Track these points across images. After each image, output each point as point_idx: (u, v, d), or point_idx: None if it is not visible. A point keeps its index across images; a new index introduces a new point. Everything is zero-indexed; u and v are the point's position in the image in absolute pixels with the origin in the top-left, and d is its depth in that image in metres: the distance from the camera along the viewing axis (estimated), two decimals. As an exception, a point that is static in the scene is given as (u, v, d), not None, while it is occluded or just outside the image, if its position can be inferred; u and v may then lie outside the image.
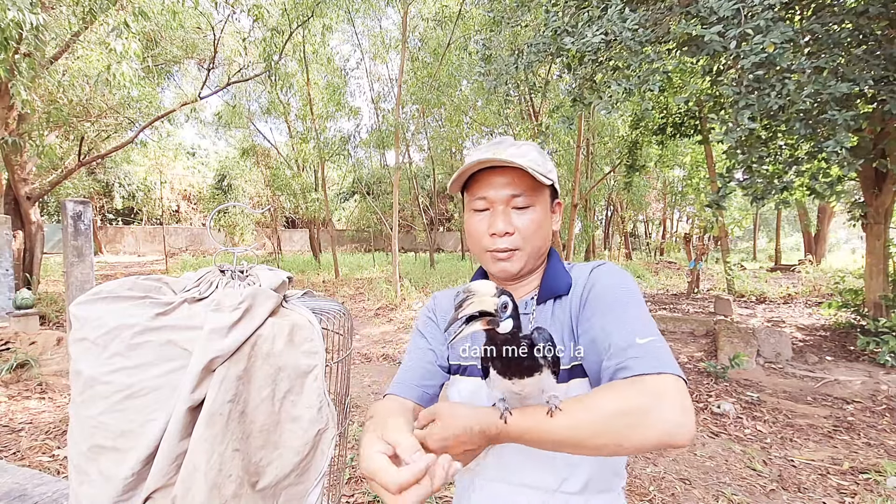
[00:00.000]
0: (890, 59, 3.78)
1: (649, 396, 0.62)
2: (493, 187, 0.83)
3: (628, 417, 0.61)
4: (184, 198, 22.79)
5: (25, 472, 1.31)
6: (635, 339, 0.69)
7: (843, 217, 13.15)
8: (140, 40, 6.57)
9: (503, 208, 0.83)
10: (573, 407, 0.65)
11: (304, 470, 0.69)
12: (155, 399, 0.60)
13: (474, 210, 0.86)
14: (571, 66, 4.62)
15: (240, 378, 0.63)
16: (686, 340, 6.08)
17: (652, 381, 0.64)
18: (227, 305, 0.66)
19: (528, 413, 0.67)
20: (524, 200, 0.83)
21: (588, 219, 15.77)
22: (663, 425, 0.60)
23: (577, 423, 0.63)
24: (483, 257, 0.88)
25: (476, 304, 0.62)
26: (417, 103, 11.56)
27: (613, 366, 0.69)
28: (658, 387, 0.63)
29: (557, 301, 0.86)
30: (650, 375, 0.64)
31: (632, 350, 0.68)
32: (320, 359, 0.70)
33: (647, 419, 0.60)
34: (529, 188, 0.83)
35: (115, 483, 0.59)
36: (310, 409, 0.68)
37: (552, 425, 0.64)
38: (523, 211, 0.84)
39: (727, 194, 4.12)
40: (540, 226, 0.85)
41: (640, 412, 0.61)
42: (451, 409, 0.70)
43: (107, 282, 0.69)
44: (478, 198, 0.85)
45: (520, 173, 0.82)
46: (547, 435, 0.65)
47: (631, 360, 0.67)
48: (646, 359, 0.66)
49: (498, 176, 0.83)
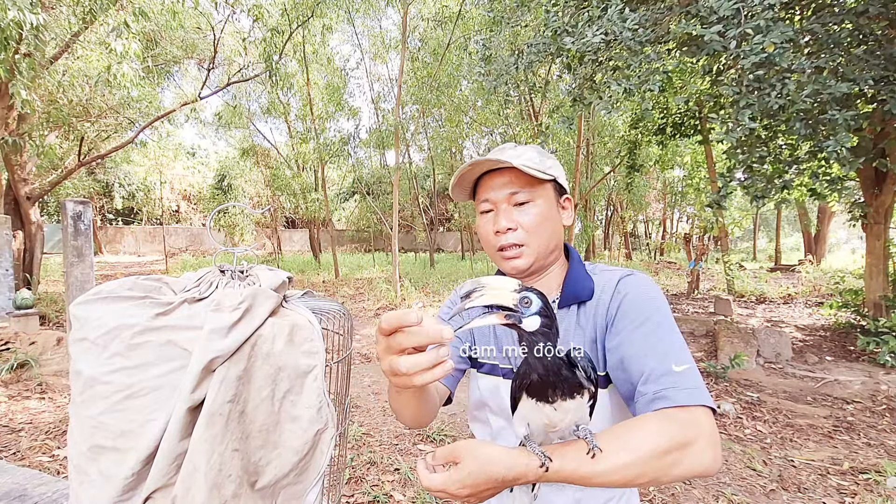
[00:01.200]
0: (890, 59, 3.78)
1: (688, 432, 0.62)
2: (493, 188, 0.87)
3: (669, 456, 0.61)
4: (184, 198, 22.80)
5: (25, 472, 1.31)
6: (672, 367, 0.69)
7: (843, 217, 13.15)
8: (140, 40, 6.58)
9: (505, 206, 0.86)
10: (613, 445, 0.62)
11: (303, 470, 0.69)
12: (155, 399, 0.60)
13: (481, 213, 0.90)
14: (571, 66, 4.62)
15: (240, 378, 0.63)
16: (686, 340, 6.07)
17: (689, 415, 0.64)
18: (227, 305, 0.66)
19: (569, 456, 0.62)
20: (524, 196, 0.85)
21: (588, 219, 15.77)
22: (701, 461, 0.62)
23: (619, 467, 0.60)
24: (495, 258, 0.90)
25: (488, 296, 0.61)
26: (417, 103, 11.57)
27: (651, 393, 0.68)
28: (695, 421, 0.64)
29: (581, 307, 0.85)
30: (687, 408, 0.65)
31: (669, 378, 0.68)
32: (320, 359, 0.70)
33: (686, 457, 0.61)
34: (528, 184, 0.85)
35: (115, 483, 0.59)
36: (309, 409, 0.68)
37: (594, 470, 0.61)
38: (524, 206, 0.85)
39: (728, 194, 4.12)
40: (544, 219, 0.86)
41: (680, 449, 0.61)
42: (476, 452, 0.62)
43: (107, 282, 0.70)
44: (482, 200, 0.89)
45: (517, 172, 0.84)
46: (588, 479, 0.61)
47: (670, 391, 0.67)
48: (684, 390, 0.67)
49: (497, 177, 0.87)
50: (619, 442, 0.62)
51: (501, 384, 0.89)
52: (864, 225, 5.90)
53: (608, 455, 0.61)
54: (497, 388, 0.90)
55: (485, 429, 0.96)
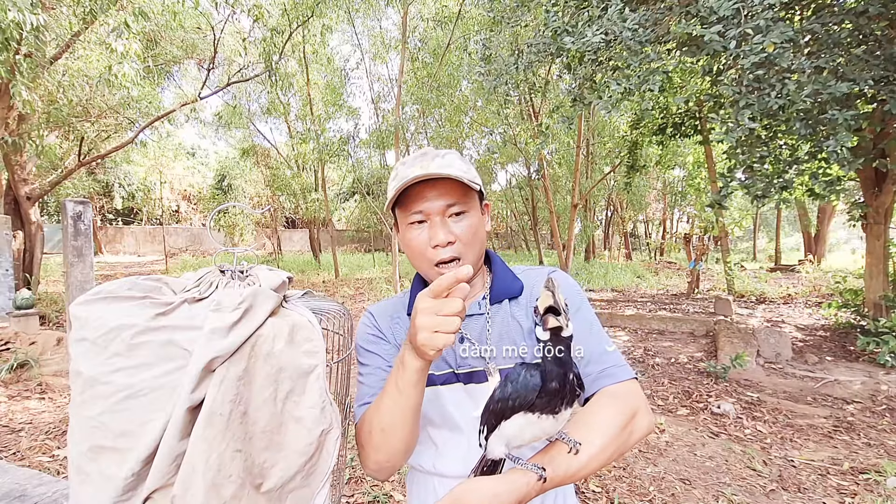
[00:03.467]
0: (890, 59, 3.77)
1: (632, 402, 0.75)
2: (427, 200, 0.81)
3: (627, 428, 0.72)
4: (184, 198, 22.80)
5: (25, 472, 1.31)
6: (605, 348, 0.81)
7: (843, 217, 13.15)
8: (140, 40, 6.57)
9: (440, 219, 0.81)
10: (587, 435, 0.68)
11: (310, 472, 0.69)
12: (155, 399, 0.60)
13: (410, 224, 0.84)
14: (571, 66, 4.62)
15: (240, 378, 0.63)
16: (686, 340, 6.08)
17: (627, 387, 0.78)
18: (227, 305, 0.66)
19: (556, 460, 0.65)
20: (459, 208, 0.82)
21: (588, 219, 15.77)
22: (648, 424, 0.75)
23: (598, 452, 0.67)
24: (429, 272, 0.85)
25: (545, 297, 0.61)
26: (417, 103, 11.56)
27: (595, 373, 0.79)
28: (633, 392, 0.77)
29: (513, 302, 0.88)
30: (625, 382, 0.78)
31: (606, 357, 0.80)
32: (321, 359, 0.70)
33: (637, 424, 0.73)
34: (461, 195, 0.82)
35: (115, 483, 0.59)
36: (313, 409, 0.68)
37: (580, 463, 0.66)
38: (459, 217, 0.82)
39: (728, 194, 4.12)
40: (477, 230, 0.85)
41: (632, 419, 0.73)
42: (477, 493, 0.63)
43: (107, 282, 0.69)
44: (414, 212, 0.82)
45: (450, 183, 0.81)
46: (579, 474, 0.66)
47: (611, 369, 0.79)
48: (620, 367, 0.79)
49: (430, 189, 0.81)
50: (590, 430, 0.69)
51: (442, 391, 0.85)
52: (864, 225, 5.90)
53: (586, 445, 0.67)
54: (437, 396, 0.85)
55: (427, 450, 0.88)
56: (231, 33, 10.73)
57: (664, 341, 6.08)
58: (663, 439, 3.24)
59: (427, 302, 0.64)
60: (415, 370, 0.69)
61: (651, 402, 4.03)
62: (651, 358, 5.36)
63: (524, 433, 0.64)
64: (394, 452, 0.77)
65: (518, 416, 0.63)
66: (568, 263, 10.92)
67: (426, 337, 0.63)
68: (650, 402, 4.01)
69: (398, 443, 0.76)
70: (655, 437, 3.27)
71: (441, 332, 0.62)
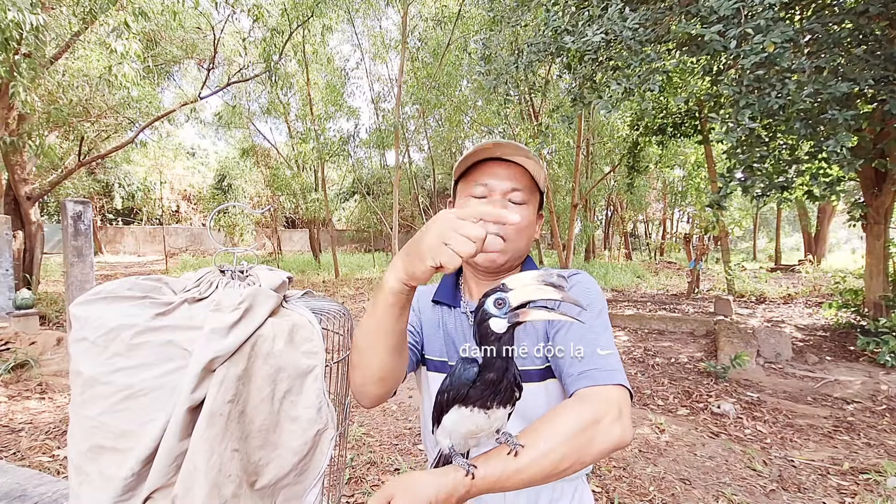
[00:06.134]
0: (890, 59, 3.77)
1: (599, 409, 0.67)
2: (496, 177, 0.85)
3: (583, 434, 0.64)
4: (184, 198, 22.79)
5: (25, 472, 1.31)
6: (598, 350, 0.76)
7: (843, 217, 13.15)
8: (140, 40, 6.58)
9: (500, 198, 0.84)
10: (532, 439, 0.64)
11: (303, 470, 0.69)
12: (155, 399, 0.60)
13: (471, 195, 0.86)
14: (571, 66, 4.62)
15: (240, 378, 0.63)
16: (686, 340, 6.08)
17: (603, 393, 0.70)
18: (227, 305, 0.66)
19: (492, 459, 0.64)
20: (521, 196, 0.85)
21: (588, 219, 15.77)
22: (611, 435, 0.66)
23: (541, 455, 0.63)
24: None
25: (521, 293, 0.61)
26: (417, 103, 11.57)
27: (577, 374, 0.74)
28: (606, 398, 0.69)
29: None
30: (603, 387, 0.71)
31: (593, 360, 0.74)
32: (320, 359, 0.70)
33: (598, 433, 0.65)
34: (527, 187, 0.86)
35: (115, 483, 0.59)
36: (309, 409, 0.68)
37: (519, 465, 0.63)
38: (518, 206, 0.85)
39: (728, 194, 4.12)
40: (528, 224, 0.87)
41: (593, 426, 0.65)
42: (404, 484, 0.63)
43: (107, 282, 0.69)
44: (479, 184, 0.85)
45: (521, 171, 0.84)
46: (517, 476, 0.63)
47: (593, 372, 0.73)
48: (605, 371, 0.73)
49: (502, 168, 0.85)
50: (538, 434, 0.65)
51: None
52: (864, 225, 5.90)
53: (528, 448, 0.63)
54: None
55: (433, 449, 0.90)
56: (231, 33, 10.73)
57: (664, 341, 6.08)
58: (663, 439, 3.24)
59: (450, 214, 0.60)
60: (390, 291, 0.65)
61: (651, 402, 4.03)
62: (651, 358, 5.36)
63: (459, 427, 0.64)
64: (368, 376, 0.75)
65: (453, 410, 0.64)
66: (568, 263, 10.92)
67: (432, 244, 0.59)
68: (650, 401, 4.02)
69: (370, 367, 0.74)
70: (655, 437, 3.27)
71: (450, 247, 0.57)
